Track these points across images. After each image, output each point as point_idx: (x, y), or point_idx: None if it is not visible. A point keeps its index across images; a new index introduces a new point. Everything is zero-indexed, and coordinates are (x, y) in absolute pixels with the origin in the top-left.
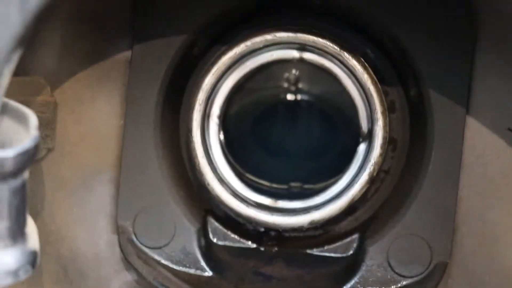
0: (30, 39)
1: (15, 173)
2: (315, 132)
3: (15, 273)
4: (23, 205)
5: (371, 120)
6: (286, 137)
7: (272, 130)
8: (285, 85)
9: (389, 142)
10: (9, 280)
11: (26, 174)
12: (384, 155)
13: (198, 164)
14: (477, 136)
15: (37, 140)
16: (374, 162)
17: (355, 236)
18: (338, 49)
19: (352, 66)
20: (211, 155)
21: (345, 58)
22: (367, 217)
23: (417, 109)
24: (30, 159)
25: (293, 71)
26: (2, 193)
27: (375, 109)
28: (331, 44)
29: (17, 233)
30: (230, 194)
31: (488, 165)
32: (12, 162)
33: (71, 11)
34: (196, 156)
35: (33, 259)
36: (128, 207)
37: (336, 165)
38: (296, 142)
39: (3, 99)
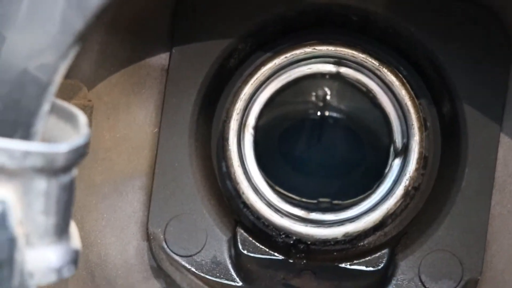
0: (87, 37)
1: (66, 169)
2: (344, 148)
3: (58, 271)
4: (70, 203)
5: (407, 136)
6: (316, 152)
7: (301, 145)
8: (316, 99)
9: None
10: (52, 277)
11: (75, 171)
12: (419, 170)
13: (234, 173)
14: (510, 154)
15: (88, 137)
16: (410, 177)
17: (385, 251)
18: (377, 64)
19: (390, 82)
20: (246, 165)
21: (383, 73)
22: (396, 233)
23: (449, 127)
24: (81, 156)
25: (326, 86)
26: (52, 188)
27: (412, 124)
28: (370, 59)
29: (63, 231)
30: (265, 204)
31: None
32: (64, 158)
33: (109, 17)
34: (232, 165)
35: (76, 258)
36: (160, 214)
37: (365, 183)
38: (325, 158)
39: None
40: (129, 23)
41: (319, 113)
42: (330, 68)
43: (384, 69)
